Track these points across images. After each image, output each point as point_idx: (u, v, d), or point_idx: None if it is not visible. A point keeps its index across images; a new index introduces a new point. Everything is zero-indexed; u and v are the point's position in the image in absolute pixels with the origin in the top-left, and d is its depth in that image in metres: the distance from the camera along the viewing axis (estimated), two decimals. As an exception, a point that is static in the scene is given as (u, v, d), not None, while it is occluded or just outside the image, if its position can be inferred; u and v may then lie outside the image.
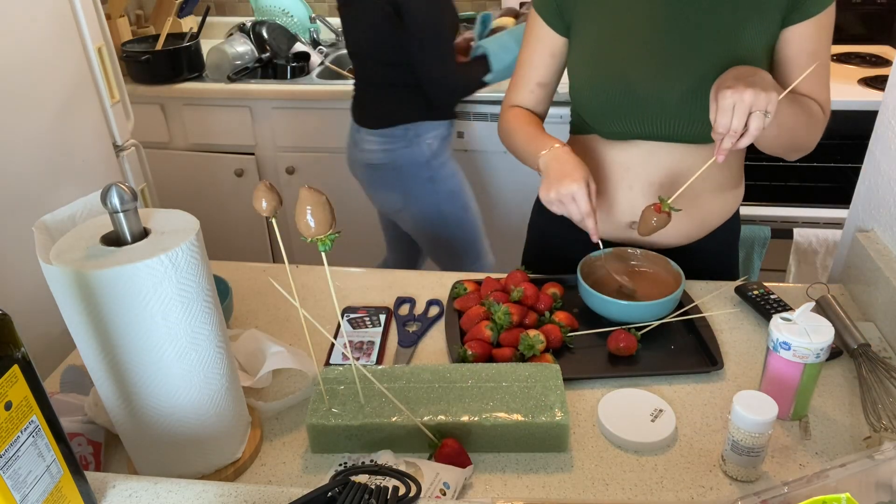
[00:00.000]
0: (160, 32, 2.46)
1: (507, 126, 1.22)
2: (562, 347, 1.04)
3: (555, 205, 1.05)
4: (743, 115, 0.90)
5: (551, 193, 1.03)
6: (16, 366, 0.58)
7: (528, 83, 1.22)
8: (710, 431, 0.90)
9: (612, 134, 1.14)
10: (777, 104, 0.90)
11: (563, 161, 1.05)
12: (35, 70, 1.32)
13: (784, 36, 1.05)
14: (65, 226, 0.77)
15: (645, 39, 1.07)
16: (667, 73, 1.06)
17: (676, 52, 1.06)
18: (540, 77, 1.21)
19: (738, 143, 0.93)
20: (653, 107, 1.08)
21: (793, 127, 1.03)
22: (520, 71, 1.23)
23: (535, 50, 1.19)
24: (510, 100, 1.25)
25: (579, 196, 1.01)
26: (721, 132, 0.92)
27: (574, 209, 1.03)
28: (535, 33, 1.18)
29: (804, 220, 2.18)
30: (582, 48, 1.14)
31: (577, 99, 1.17)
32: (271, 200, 0.76)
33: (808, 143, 1.09)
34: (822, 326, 0.84)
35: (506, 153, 1.32)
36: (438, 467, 0.81)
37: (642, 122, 1.10)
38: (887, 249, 1.10)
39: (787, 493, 0.68)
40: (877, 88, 2.06)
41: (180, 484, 0.71)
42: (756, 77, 0.92)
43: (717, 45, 1.04)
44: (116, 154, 1.57)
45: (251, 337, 1.01)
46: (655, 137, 1.11)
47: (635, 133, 1.12)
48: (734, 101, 0.90)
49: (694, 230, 1.19)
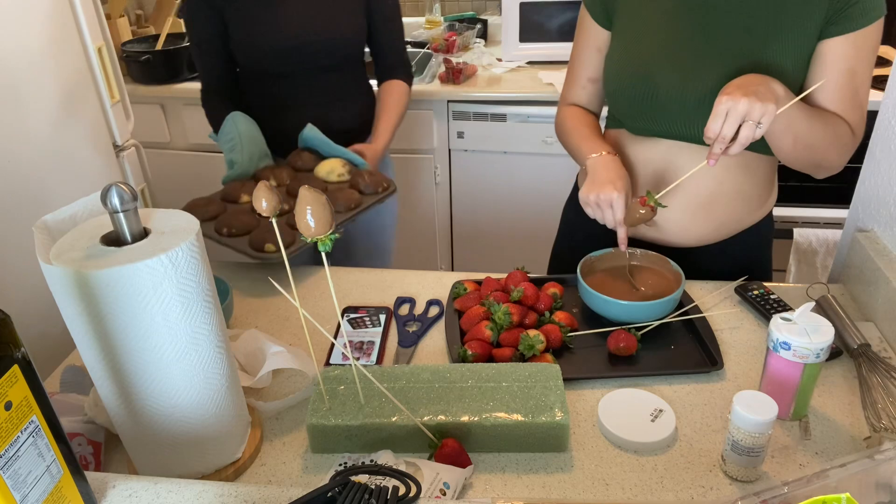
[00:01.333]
0: (160, 32, 2.46)
1: (563, 123, 1.25)
2: (562, 347, 1.04)
3: (591, 207, 1.08)
4: (734, 123, 0.91)
5: (591, 196, 1.07)
6: (16, 366, 0.58)
7: (579, 79, 1.24)
8: (710, 431, 0.90)
9: (637, 129, 1.16)
10: (785, 118, 0.90)
11: (609, 168, 1.08)
12: (35, 70, 1.32)
13: (820, 49, 1.02)
14: (65, 226, 0.77)
15: (670, 39, 1.08)
16: (687, 74, 1.07)
17: (698, 54, 1.06)
18: (590, 73, 1.22)
19: (728, 151, 0.95)
20: (673, 107, 1.08)
21: (811, 142, 1.01)
22: (571, 68, 1.25)
23: (584, 46, 1.21)
24: (565, 98, 1.28)
25: (617, 205, 1.05)
26: (710, 137, 0.94)
27: (609, 215, 1.06)
28: (584, 28, 1.20)
29: (804, 220, 2.18)
30: (616, 43, 1.15)
31: (607, 93, 1.20)
32: (271, 200, 0.76)
33: (833, 161, 1.06)
34: (822, 326, 0.84)
35: (505, 153, 1.32)
36: (438, 467, 0.81)
37: (663, 120, 1.11)
38: (887, 249, 1.10)
39: (787, 493, 0.67)
40: (877, 88, 2.06)
41: (180, 484, 0.71)
42: (761, 87, 0.91)
43: (740, 50, 1.03)
44: (116, 154, 1.57)
45: (251, 337, 1.01)
46: (677, 137, 1.12)
47: (658, 131, 1.13)
48: (728, 108, 0.91)
49: (709, 234, 1.18)
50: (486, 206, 2.44)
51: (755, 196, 1.17)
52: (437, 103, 2.28)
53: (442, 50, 2.48)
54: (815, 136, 1.01)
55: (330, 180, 1.41)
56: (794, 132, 0.98)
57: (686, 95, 1.07)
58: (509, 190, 2.36)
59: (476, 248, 2.54)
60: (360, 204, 1.34)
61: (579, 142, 1.18)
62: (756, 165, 1.13)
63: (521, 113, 2.23)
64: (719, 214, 1.15)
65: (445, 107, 2.29)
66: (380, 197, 1.37)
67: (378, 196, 1.37)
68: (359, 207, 1.32)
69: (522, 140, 2.28)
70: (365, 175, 1.40)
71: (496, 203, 2.41)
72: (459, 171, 2.40)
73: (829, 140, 1.02)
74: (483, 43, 2.64)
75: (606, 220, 1.07)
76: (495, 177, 2.37)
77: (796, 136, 0.99)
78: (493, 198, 2.41)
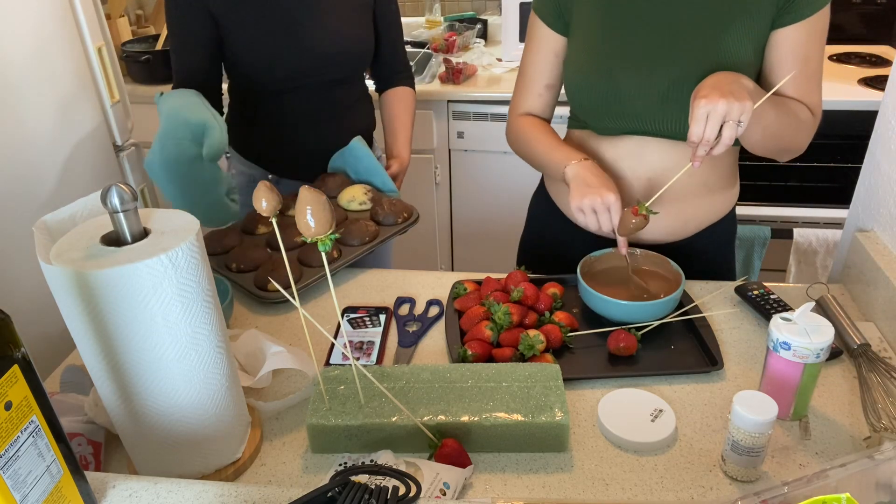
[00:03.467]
0: (160, 32, 2.46)
1: (522, 135, 1.23)
2: (562, 347, 1.04)
3: (585, 213, 1.07)
4: (716, 125, 0.92)
5: (586, 201, 1.05)
6: (16, 366, 0.58)
7: (535, 87, 1.23)
8: (710, 431, 0.90)
9: (603, 129, 1.16)
10: (755, 111, 0.92)
11: (595, 174, 1.08)
12: (35, 70, 1.32)
13: (774, 38, 1.05)
14: (65, 226, 0.77)
15: (630, 37, 1.09)
16: (649, 71, 1.07)
17: (658, 50, 1.07)
18: (547, 79, 1.22)
19: (713, 152, 0.96)
20: (637, 104, 1.09)
21: (777, 131, 1.04)
22: (525, 77, 1.24)
23: (539, 53, 1.20)
24: (519, 107, 1.26)
25: (614, 208, 1.05)
26: (694, 141, 0.95)
27: (605, 219, 1.06)
28: (537, 36, 1.19)
29: (804, 220, 2.18)
30: (575, 45, 1.15)
31: (569, 95, 1.19)
32: (271, 200, 0.76)
33: (797, 145, 1.09)
34: (822, 326, 0.84)
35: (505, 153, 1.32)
36: (438, 467, 0.81)
37: (628, 118, 1.11)
38: (887, 249, 1.10)
39: (787, 493, 0.68)
40: (877, 88, 2.06)
41: (180, 484, 0.71)
42: (734, 85, 0.93)
43: (699, 44, 1.05)
44: (116, 154, 1.57)
45: (251, 337, 1.01)
46: (643, 133, 1.12)
47: (624, 128, 1.13)
48: (707, 111, 0.92)
49: (678, 229, 1.19)
50: (486, 206, 2.44)
51: (719, 188, 1.19)
52: (436, 103, 2.28)
53: (442, 50, 2.48)
54: (782, 125, 1.03)
55: (351, 209, 1.37)
56: (762, 123, 1.00)
57: (649, 91, 1.07)
58: (509, 190, 2.36)
59: (476, 248, 2.54)
60: (377, 236, 1.29)
61: (548, 150, 1.17)
62: (720, 158, 1.13)
63: (521, 113, 2.23)
64: (687, 207, 1.16)
65: (445, 107, 2.29)
66: (400, 227, 1.32)
67: (399, 227, 1.32)
68: (374, 240, 1.28)
69: (522, 140, 2.27)
70: (385, 204, 1.34)
71: (496, 203, 2.41)
72: (459, 171, 2.40)
73: (794, 126, 1.05)
74: (483, 43, 2.64)
75: (602, 224, 1.06)
76: (495, 177, 2.37)
77: (765, 126, 1.01)
78: (493, 198, 2.41)
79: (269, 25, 1.35)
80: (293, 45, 1.37)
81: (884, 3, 2.39)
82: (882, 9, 2.41)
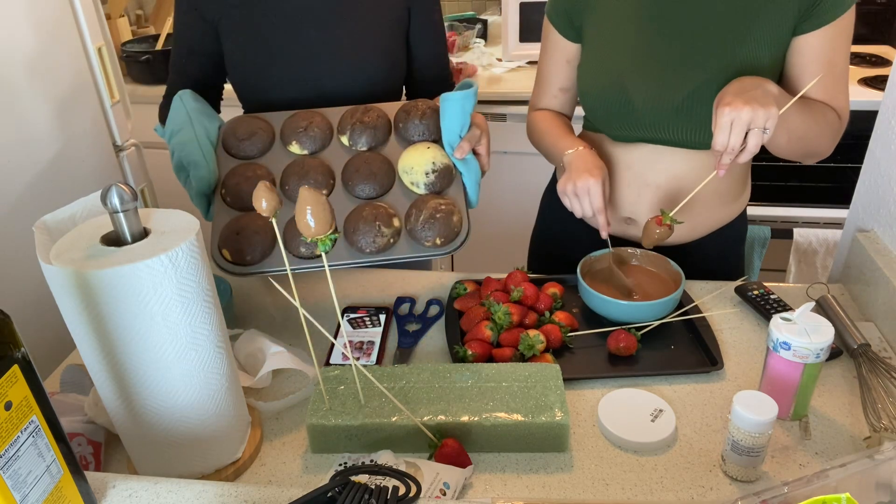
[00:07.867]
0: (160, 32, 2.46)
1: (535, 126, 1.25)
2: (562, 347, 1.04)
3: (569, 197, 1.08)
4: (740, 133, 0.90)
5: (568, 186, 1.07)
6: (16, 366, 0.58)
7: (550, 89, 1.24)
8: (710, 431, 0.89)
9: (616, 137, 1.16)
10: (779, 117, 0.90)
11: (585, 159, 1.09)
12: (35, 70, 1.32)
13: (796, 44, 1.02)
14: (65, 226, 0.77)
15: (642, 48, 1.08)
16: (662, 82, 1.07)
17: (673, 61, 1.06)
18: (560, 83, 1.23)
19: (738, 159, 0.94)
20: (650, 114, 1.08)
21: (804, 135, 1.02)
22: (540, 78, 1.25)
23: (552, 58, 1.21)
24: (536, 104, 1.28)
25: (594, 192, 1.05)
26: (719, 150, 0.93)
27: (587, 203, 1.06)
28: (550, 41, 1.20)
29: (804, 220, 2.18)
30: (588, 54, 1.15)
31: (583, 102, 1.20)
32: (271, 200, 0.76)
33: (823, 148, 1.07)
34: (822, 326, 0.84)
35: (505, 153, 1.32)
36: (438, 467, 0.81)
37: (642, 128, 1.11)
38: (887, 249, 1.10)
39: (787, 493, 0.67)
40: (877, 88, 2.06)
41: (180, 484, 0.71)
42: (758, 91, 0.91)
43: (715, 54, 1.03)
44: (116, 154, 1.57)
45: (251, 337, 1.01)
46: (657, 142, 1.12)
47: (636, 137, 1.13)
48: (731, 119, 0.90)
49: (686, 232, 1.18)
50: (486, 206, 2.43)
51: (730, 193, 1.18)
52: (437, 103, 2.28)
53: (442, 50, 2.48)
54: (808, 128, 1.02)
55: (404, 181, 1.06)
56: (788, 128, 0.99)
57: (662, 104, 1.07)
58: (509, 190, 2.36)
59: (476, 248, 2.53)
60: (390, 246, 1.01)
61: (554, 141, 1.18)
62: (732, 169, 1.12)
63: (521, 113, 2.23)
64: (696, 212, 1.16)
65: (445, 107, 2.28)
66: (424, 254, 1.00)
67: (424, 252, 1.00)
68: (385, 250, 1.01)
69: (522, 140, 2.25)
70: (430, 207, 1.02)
71: (496, 203, 2.41)
72: (459, 171, 2.40)
73: (820, 129, 1.03)
74: (483, 43, 2.63)
75: (584, 208, 1.07)
76: (495, 177, 2.37)
77: (791, 131, 1.00)
78: (494, 198, 2.41)
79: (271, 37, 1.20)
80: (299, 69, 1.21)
81: (884, 3, 2.39)
82: (882, 9, 2.41)
